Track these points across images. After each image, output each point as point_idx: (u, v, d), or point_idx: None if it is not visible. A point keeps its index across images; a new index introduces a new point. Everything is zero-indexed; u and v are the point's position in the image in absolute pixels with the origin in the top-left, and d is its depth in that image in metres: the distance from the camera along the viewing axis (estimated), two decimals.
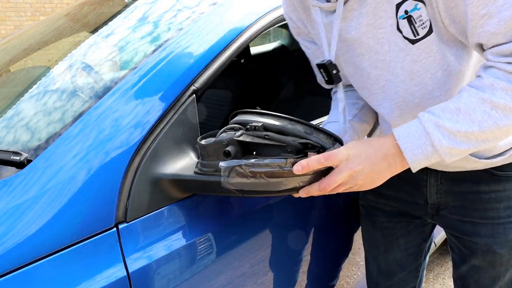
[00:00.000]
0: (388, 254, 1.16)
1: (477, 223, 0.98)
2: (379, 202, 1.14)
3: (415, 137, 0.75)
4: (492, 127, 0.72)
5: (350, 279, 1.41)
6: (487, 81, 0.72)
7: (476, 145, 0.74)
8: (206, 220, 0.92)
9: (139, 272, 0.79)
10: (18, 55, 1.47)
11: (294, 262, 1.15)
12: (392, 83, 0.86)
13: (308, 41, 1.02)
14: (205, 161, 0.81)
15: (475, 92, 0.73)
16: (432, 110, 0.76)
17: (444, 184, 1.01)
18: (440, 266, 2.47)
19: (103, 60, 1.17)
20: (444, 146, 0.73)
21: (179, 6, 1.24)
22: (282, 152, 0.75)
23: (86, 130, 0.84)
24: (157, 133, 0.86)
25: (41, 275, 0.70)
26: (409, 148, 0.75)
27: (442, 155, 0.74)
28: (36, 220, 0.72)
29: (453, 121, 0.73)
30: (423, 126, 0.74)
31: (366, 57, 0.86)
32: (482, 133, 0.73)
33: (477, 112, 0.72)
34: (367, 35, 0.83)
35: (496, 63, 0.72)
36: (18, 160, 0.81)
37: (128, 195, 0.80)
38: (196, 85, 0.95)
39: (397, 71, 0.84)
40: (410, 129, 0.76)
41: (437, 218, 1.06)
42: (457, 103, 0.74)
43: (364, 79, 0.90)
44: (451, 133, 0.73)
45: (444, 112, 0.74)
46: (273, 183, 0.75)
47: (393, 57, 0.83)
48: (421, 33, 0.79)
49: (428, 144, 0.74)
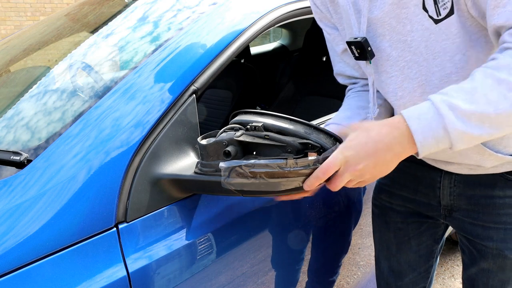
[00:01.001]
0: (400, 255, 1.16)
1: (489, 227, 0.97)
2: (392, 202, 1.13)
3: (427, 119, 0.70)
4: (508, 110, 0.68)
5: (350, 279, 1.41)
6: (503, 62, 0.69)
7: (490, 131, 0.70)
8: (206, 220, 0.92)
9: (139, 272, 0.79)
10: (18, 55, 1.47)
11: (294, 261, 1.15)
12: (413, 63, 0.85)
13: (330, 27, 1.01)
14: (205, 161, 0.81)
15: (491, 73, 0.69)
16: (445, 91, 0.72)
17: (457, 186, 1.00)
18: (440, 266, 2.47)
19: (103, 60, 1.17)
20: (457, 129, 0.69)
21: (179, 6, 1.24)
22: (282, 152, 0.75)
23: (86, 130, 0.84)
24: (157, 133, 0.86)
25: (41, 275, 0.70)
26: (420, 131, 0.70)
27: (453, 140, 0.70)
28: (36, 220, 0.72)
29: (468, 101, 0.69)
30: (436, 108, 0.70)
31: (387, 37, 0.85)
32: (497, 116, 0.69)
33: (494, 93, 0.68)
34: (390, 15, 0.83)
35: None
36: (18, 160, 0.81)
37: (128, 195, 0.80)
38: (196, 85, 0.95)
39: (421, 50, 0.83)
40: (422, 109, 0.71)
41: (450, 220, 1.05)
42: (471, 83, 0.71)
43: (383, 61, 0.89)
44: (465, 115, 0.69)
45: (459, 92, 0.70)
46: (273, 183, 0.75)
47: (415, 36, 0.82)
48: (443, 13, 0.78)
49: (441, 127, 0.70)
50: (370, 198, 1.40)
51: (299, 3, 1.26)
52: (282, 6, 1.20)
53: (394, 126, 0.72)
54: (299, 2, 1.26)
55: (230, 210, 0.96)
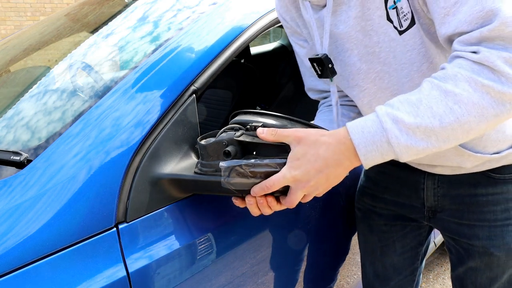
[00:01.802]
0: (385, 258, 1.16)
1: (474, 225, 0.98)
2: (376, 206, 1.13)
3: (370, 132, 0.69)
4: (453, 124, 0.67)
5: (350, 279, 1.41)
6: (450, 72, 0.68)
7: (436, 145, 0.69)
8: (206, 220, 0.92)
9: (139, 272, 0.79)
10: (18, 55, 1.47)
11: (294, 261, 1.15)
12: (384, 73, 0.84)
13: (302, 40, 1.01)
14: (205, 161, 0.81)
15: (437, 84, 0.68)
16: (391, 102, 0.70)
17: (441, 187, 1.00)
18: (440, 266, 2.47)
19: (103, 60, 1.17)
20: (401, 144, 0.68)
21: (179, 6, 1.24)
22: (282, 152, 0.75)
23: (86, 130, 0.84)
24: (157, 133, 0.86)
25: (41, 275, 0.70)
26: (363, 144, 0.69)
27: (398, 153, 0.69)
28: (36, 220, 0.72)
29: (413, 114, 0.67)
30: (380, 121, 0.69)
31: (355, 51, 0.85)
32: (443, 130, 0.67)
33: (439, 106, 0.67)
34: (355, 28, 0.82)
35: (462, 52, 0.68)
36: (18, 160, 0.81)
37: (128, 195, 0.80)
38: (196, 85, 0.95)
39: (390, 60, 0.82)
40: (366, 122, 0.70)
41: (434, 221, 1.05)
42: (417, 95, 0.69)
43: (354, 75, 0.88)
44: (409, 129, 0.67)
45: (404, 104, 0.69)
46: None
47: (383, 47, 0.81)
48: (404, 25, 0.77)
49: (384, 140, 0.68)
50: None
51: None
52: None
53: (340, 141, 0.71)
54: None
55: (230, 210, 0.96)
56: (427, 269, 2.44)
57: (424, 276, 2.38)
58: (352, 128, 0.70)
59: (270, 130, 0.73)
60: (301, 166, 0.71)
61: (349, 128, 0.71)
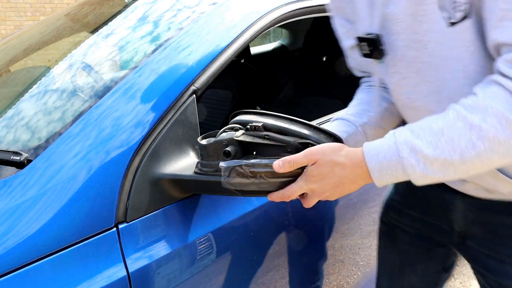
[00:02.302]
0: (403, 278, 1.07)
1: (504, 261, 0.88)
2: (401, 221, 1.04)
3: (386, 158, 0.68)
4: (474, 159, 0.63)
5: (350, 279, 1.41)
6: (482, 103, 0.63)
7: (454, 175, 0.66)
8: (206, 220, 0.92)
9: (139, 272, 0.79)
10: (18, 55, 1.47)
11: (295, 261, 1.15)
12: (430, 65, 0.76)
13: (343, 19, 0.93)
14: (205, 161, 0.81)
15: (464, 116, 0.64)
16: (412, 127, 0.68)
17: (472, 211, 0.90)
18: None
19: (103, 60, 1.17)
20: (416, 173, 0.66)
21: (179, 6, 1.24)
22: (282, 152, 0.75)
23: (87, 130, 0.84)
24: (157, 133, 0.86)
25: (41, 275, 0.70)
26: (377, 168, 0.69)
27: (412, 180, 0.68)
28: (36, 220, 0.72)
29: (432, 146, 0.65)
30: (397, 148, 0.67)
31: (401, 35, 0.77)
32: (462, 164, 0.64)
33: (462, 139, 0.63)
34: (406, 11, 0.74)
35: (503, 78, 0.62)
36: (18, 160, 0.81)
37: (128, 195, 0.80)
38: (196, 85, 0.95)
39: (437, 53, 0.74)
40: (383, 147, 0.69)
41: (464, 249, 0.95)
42: (441, 123, 0.65)
43: (396, 61, 0.80)
44: (427, 160, 0.65)
45: (425, 132, 0.66)
46: (273, 183, 0.75)
47: (433, 37, 0.73)
48: (457, 16, 0.69)
49: (399, 167, 0.67)
50: (369, 198, 1.40)
51: (299, 3, 1.26)
52: (282, 6, 1.20)
53: (356, 164, 0.71)
54: (299, 2, 1.26)
55: (230, 210, 0.96)
56: None
57: None
58: (368, 152, 0.70)
59: (285, 161, 0.71)
60: (317, 181, 0.72)
61: (365, 151, 0.70)
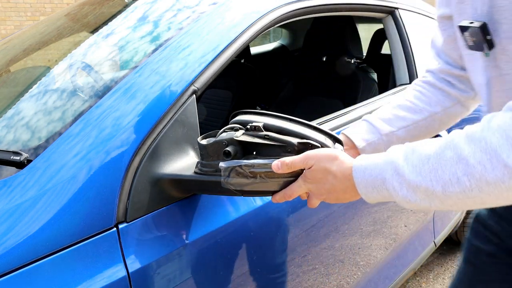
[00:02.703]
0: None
1: None
2: (485, 230, 0.92)
3: (371, 175, 0.65)
4: (459, 195, 0.58)
5: (350, 279, 1.41)
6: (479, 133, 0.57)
7: (442, 207, 0.61)
8: (206, 220, 0.92)
9: (139, 272, 0.79)
10: (18, 55, 1.47)
11: (295, 261, 1.15)
12: None
13: (444, 5, 0.83)
14: (205, 161, 0.81)
15: (456, 144, 0.58)
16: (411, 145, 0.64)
17: None
18: (440, 266, 2.47)
19: (103, 60, 1.17)
20: (399, 196, 0.63)
21: (179, 6, 1.24)
22: (282, 152, 0.75)
23: (87, 130, 0.84)
24: (157, 133, 0.86)
25: (41, 275, 0.70)
26: (363, 185, 0.66)
27: (398, 202, 0.64)
28: (36, 220, 0.72)
29: (416, 171, 0.60)
30: (382, 167, 0.64)
31: (504, 26, 0.67)
32: (447, 198, 0.59)
33: (446, 171, 0.58)
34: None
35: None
36: (18, 160, 0.81)
37: (128, 195, 0.80)
38: (196, 85, 0.95)
39: None
40: (371, 163, 0.66)
41: None
42: (432, 147, 0.61)
43: (497, 55, 0.70)
44: (409, 185, 0.61)
45: (415, 154, 0.62)
46: (273, 183, 0.75)
47: None
48: None
49: (383, 188, 0.64)
50: None
51: (299, 3, 1.26)
52: (282, 6, 1.20)
53: (345, 176, 0.68)
54: (299, 2, 1.26)
55: (230, 210, 0.96)
56: (427, 269, 2.44)
57: (424, 276, 2.38)
58: (357, 166, 0.68)
59: (284, 163, 0.71)
60: (313, 183, 0.72)
61: (354, 165, 0.68)
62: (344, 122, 1.34)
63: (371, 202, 0.69)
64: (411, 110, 0.90)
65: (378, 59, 2.69)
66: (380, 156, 0.67)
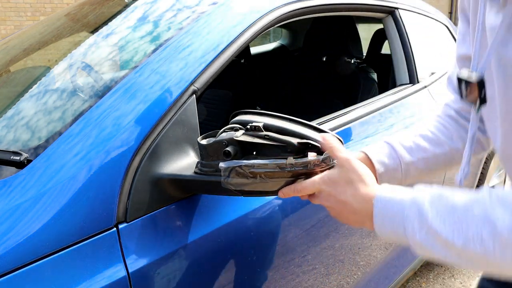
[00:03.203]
0: None
1: None
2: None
3: (393, 210, 0.62)
4: (478, 254, 0.55)
5: (350, 279, 1.41)
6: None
7: (458, 262, 0.59)
8: (206, 220, 0.92)
9: (139, 272, 0.79)
10: (18, 55, 1.47)
11: (295, 261, 1.15)
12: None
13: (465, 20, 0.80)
14: (205, 161, 0.81)
15: (485, 203, 0.56)
16: (440, 189, 0.62)
17: None
18: (440, 266, 2.47)
19: (103, 60, 1.17)
20: (416, 239, 0.60)
21: (179, 6, 1.24)
22: (282, 152, 0.75)
23: (87, 129, 0.84)
24: (157, 132, 0.86)
25: (41, 275, 0.70)
26: (381, 216, 0.64)
27: (411, 245, 0.62)
28: (36, 220, 0.72)
29: (439, 219, 0.58)
30: (407, 204, 0.61)
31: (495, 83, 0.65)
32: (464, 252, 0.57)
33: (471, 228, 0.55)
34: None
35: None
36: (18, 160, 0.81)
37: (128, 195, 0.80)
38: (196, 85, 0.95)
39: None
40: (397, 196, 0.63)
41: None
42: (462, 199, 0.58)
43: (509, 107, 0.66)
44: (430, 231, 0.59)
45: (442, 200, 0.59)
46: (273, 183, 0.75)
47: None
48: None
49: (402, 226, 0.61)
50: None
51: (299, 3, 1.26)
52: (282, 6, 1.20)
53: (365, 199, 0.66)
54: (299, 2, 1.26)
55: (230, 210, 0.96)
56: (427, 269, 2.44)
57: (424, 276, 2.38)
58: (380, 194, 0.65)
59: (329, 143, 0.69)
60: (329, 187, 0.69)
61: (378, 194, 0.65)
62: (344, 122, 1.34)
63: (381, 234, 0.66)
64: (432, 142, 0.87)
65: (378, 59, 2.69)
66: (406, 192, 0.64)
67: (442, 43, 2.20)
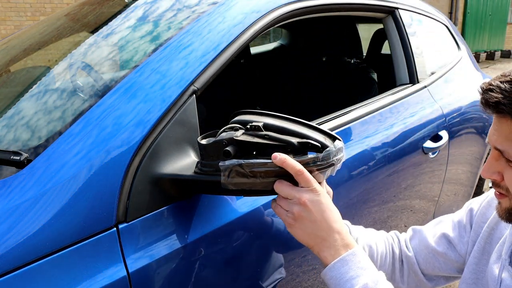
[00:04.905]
0: None
1: None
2: None
3: (345, 278, 0.76)
4: None
5: None
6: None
7: None
8: (206, 220, 0.92)
9: (139, 272, 0.79)
10: (18, 55, 1.47)
11: (295, 261, 1.15)
12: None
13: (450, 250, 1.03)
14: (205, 161, 0.81)
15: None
16: (377, 274, 0.77)
17: None
18: None
19: (103, 60, 1.17)
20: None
21: (179, 6, 1.24)
22: (282, 152, 0.75)
23: (87, 129, 0.84)
24: (157, 132, 0.86)
25: (41, 275, 0.70)
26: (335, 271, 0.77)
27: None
28: (36, 219, 0.72)
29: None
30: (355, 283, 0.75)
31: None
32: None
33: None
34: None
35: None
36: (18, 160, 0.81)
37: (128, 194, 0.80)
38: (196, 85, 0.95)
39: None
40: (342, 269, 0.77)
41: None
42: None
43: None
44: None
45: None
46: (273, 182, 0.75)
47: None
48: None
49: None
50: (369, 198, 1.40)
51: (299, 3, 1.26)
52: (282, 6, 1.20)
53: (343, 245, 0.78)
54: (299, 2, 1.26)
55: (230, 210, 0.96)
56: None
57: None
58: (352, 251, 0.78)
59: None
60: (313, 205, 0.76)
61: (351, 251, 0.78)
62: (344, 122, 1.34)
63: (323, 276, 0.79)
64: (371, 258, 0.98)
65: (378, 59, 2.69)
66: (365, 275, 0.76)
67: (442, 43, 2.20)
